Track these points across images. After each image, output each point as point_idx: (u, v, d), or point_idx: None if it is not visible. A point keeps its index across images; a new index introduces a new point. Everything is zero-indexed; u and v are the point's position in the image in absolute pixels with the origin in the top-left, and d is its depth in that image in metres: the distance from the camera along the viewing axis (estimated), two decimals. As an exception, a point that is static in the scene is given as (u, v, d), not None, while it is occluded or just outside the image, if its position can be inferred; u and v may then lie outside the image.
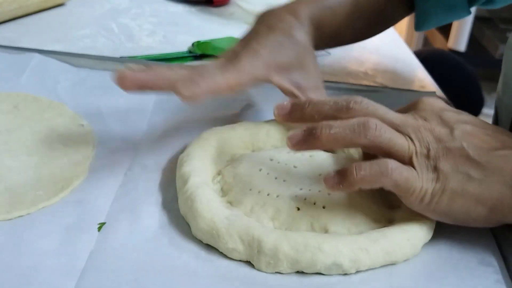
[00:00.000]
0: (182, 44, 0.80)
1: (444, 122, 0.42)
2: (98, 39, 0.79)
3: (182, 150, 0.49)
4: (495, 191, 0.39)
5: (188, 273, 0.39)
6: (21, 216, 0.43)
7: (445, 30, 2.01)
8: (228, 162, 0.49)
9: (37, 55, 0.65)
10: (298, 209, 0.42)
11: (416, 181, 0.40)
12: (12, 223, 0.42)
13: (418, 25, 0.65)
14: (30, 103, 0.57)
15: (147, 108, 0.59)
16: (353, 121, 0.40)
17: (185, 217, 0.43)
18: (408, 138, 0.41)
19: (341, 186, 0.40)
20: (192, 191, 0.43)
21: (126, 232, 0.42)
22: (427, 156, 0.40)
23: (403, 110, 0.44)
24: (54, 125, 0.54)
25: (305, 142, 0.41)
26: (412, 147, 0.40)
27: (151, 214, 0.44)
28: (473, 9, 0.71)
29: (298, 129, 0.41)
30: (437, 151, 0.40)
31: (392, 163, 0.40)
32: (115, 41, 0.79)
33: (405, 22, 2.06)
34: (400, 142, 0.40)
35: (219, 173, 0.48)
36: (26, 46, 0.69)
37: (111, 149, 0.52)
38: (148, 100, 0.61)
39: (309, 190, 0.44)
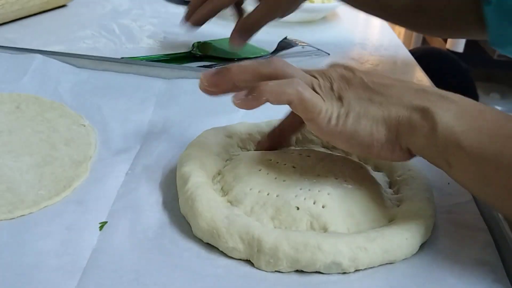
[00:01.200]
0: (182, 45, 0.80)
1: (348, 69, 0.45)
2: (99, 40, 0.79)
3: (182, 150, 0.50)
4: (393, 112, 0.42)
5: (189, 272, 0.39)
6: (23, 215, 0.43)
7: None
8: (228, 162, 0.50)
9: (39, 56, 0.65)
10: (298, 208, 0.43)
11: (321, 101, 0.42)
12: (14, 223, 0.43)
13: (492, 41, 0.62)
14: (31, 104, 0.58)
15: (148, 108, 0.60)
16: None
17: (186, 217, 0.44)
18: (311, 76, 0.44)
19: (249, 96, 0.42)
20: (192, 191, 0.44)
21: (127, 231, 0.42)
22: (331, 88, 0.43)
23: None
24: (56, 125, 0.55)
25: (217, 73, 0.44)
26: (315, 80, 0.44)
27: (152, 213, 0.45)
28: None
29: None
30: (340, 85, 0.43)
31: (299, 81, 0.42)
32: (116, 42, 0.79)
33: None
34: (302, 73, 0.44)
35: (219, 172, 0.48)
36: (28, 47, 0.70)
37: (112, 149, 0.53)
38: (149, 100, 0.61)
39: (309, 190, 0.44)
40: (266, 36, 0.85)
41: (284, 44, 0.81)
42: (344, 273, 0.40)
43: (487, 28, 0.61)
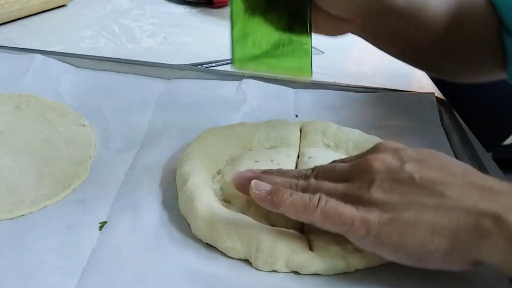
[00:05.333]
0: (182, 45, 0.80)
1: (398, 156, 0.39)
2: (99, 40, 0.79)
3: (182, 150, 0.50)
4: (453, 218, 0.35)
5: (189, 272, 0.39)
6: (23, 215, 0.43)
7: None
8: (227, 161, 0.50)
9: (39, 56, 0.65)
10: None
11: (352, 210, 0.37)
12: (14, 223, 0.43)
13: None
14: (32, 104, 0.58)
15: (148, 108, 0.60)
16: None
17: (185, 217, 0.44)
18: (349, 170, 0.39)
19: (268, 198, 0.39)
20: (192, 190, 0.44)
21: (127, 231, 0.42)
22: (368, 190, 0.38)
23: (366, 153, 0.41)
24: (56, 125, 0.55)
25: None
26: (347, 187, 0.39)
27: (152, 213, 0.45)
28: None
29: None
30: (382, 185, 0.37)
31: (323, 196, 0.38)
32: (116, 42, 0.79)
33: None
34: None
35: (218, 172, 0.48)
36: (28, 47, 0.70)
37: (112, 149, 0.53)
38: (149, 101, 0.61)
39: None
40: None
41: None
42: (344, 273, 0.40)
43: (508, 61, 0.56)
